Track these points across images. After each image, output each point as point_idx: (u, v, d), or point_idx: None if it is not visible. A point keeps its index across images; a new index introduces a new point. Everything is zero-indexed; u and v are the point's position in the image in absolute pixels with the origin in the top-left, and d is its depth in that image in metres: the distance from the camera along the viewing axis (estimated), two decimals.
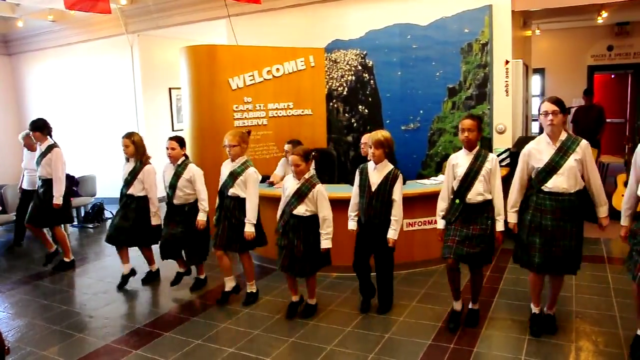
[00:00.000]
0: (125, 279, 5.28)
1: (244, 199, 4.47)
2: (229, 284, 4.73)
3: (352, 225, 4.27)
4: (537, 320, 3.83)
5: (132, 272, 5.33)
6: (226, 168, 4.57)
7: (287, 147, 5.54)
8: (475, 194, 3.81)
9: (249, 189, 4.46)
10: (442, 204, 4.01)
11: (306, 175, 4.17)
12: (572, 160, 3.47)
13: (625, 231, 3.48)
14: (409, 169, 6.79)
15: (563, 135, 3.54)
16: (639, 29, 10.38)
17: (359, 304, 4.44)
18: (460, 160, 3.90)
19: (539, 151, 3.59)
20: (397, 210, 4.12)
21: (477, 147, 3.87)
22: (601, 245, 5.88)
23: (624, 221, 3.49)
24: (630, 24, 10.33)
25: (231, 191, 4.48)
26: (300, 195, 4.14)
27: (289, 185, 4.25)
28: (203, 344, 3.89)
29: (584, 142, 3.52)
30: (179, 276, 5.12)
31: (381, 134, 4.14)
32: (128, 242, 5.20)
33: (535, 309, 3.85)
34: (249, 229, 4.42)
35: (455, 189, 3.89)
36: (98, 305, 4.80)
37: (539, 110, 3.59)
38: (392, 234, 4.11)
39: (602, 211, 3.63)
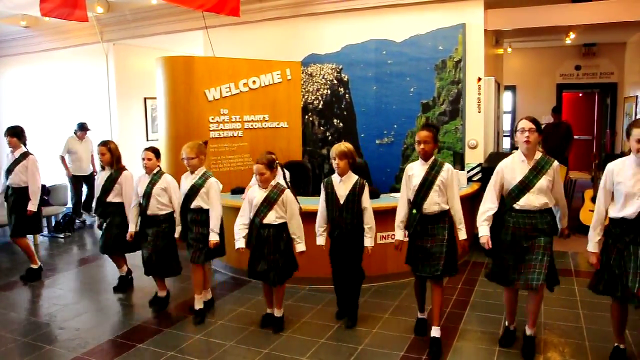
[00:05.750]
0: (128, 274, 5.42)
1: (207, 211, 4.46)
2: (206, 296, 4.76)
3: (321, 240, 4.26)
4: (508, 335, 3.91)
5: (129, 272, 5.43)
6: (187, 181, 4.54)
7: None
8: (431, 204, 3.85)
9: (212, 198, 4.46)
10: (400, 215, 4.05)
11: (272, 182, 4.19)
12: (544, 180, 3.54)
13: (596, 258, 3.47)
14: (383, 183, 6.88)
15: (537, 155, 3.61)
16: (604, 50, 10.76)
17: (335, 313, 4.49)
18: (415, 171, 3.93)
19: (513, 169, 3.64)
20: (369, 218, 4.16)
21: (433, 157, 3.91)
22: (569, 258, 6.04)
23: (594, 247, 3.47)
24: (596, 45, 10.71)
25: (194, 204, 4.47)
26: (269, 203, 4.13)
27: (256, 194, 4.20)
28: (176, 356, 3.86)
29: (555, 164, 3.60)
30: (157, 299, 4.98)
31: (344, 145, 4.16)
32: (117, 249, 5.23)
33: (510, 327, 3.95)
34: (214, 238, 4.40)
35: (411, 199, 3.95)
36: (68, 317, 4.71)
37: (515, 128, 3.65)
38: (368, 242, 4.15)
39: (563, 223, 3.79)
